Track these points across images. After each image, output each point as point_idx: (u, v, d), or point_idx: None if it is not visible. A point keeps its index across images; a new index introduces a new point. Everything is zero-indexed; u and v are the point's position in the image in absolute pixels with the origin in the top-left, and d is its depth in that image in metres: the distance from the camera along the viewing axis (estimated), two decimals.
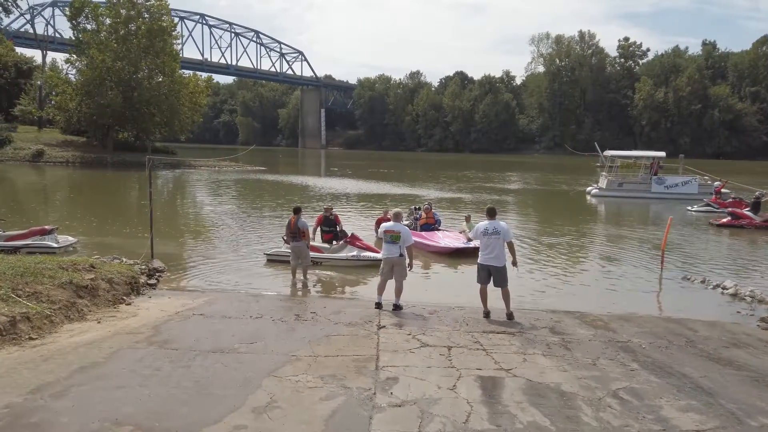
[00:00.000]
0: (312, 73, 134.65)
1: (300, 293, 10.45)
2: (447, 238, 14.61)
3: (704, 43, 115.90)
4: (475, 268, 8.33)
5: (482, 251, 8.26)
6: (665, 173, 31.20)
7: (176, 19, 56.76)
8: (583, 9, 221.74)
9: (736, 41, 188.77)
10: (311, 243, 12.80)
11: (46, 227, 13.37)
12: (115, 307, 8.27)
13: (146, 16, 46.34)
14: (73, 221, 18.44)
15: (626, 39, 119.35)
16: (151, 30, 45.72)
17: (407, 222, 16.49)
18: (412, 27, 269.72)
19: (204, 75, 57.55)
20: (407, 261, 8.69)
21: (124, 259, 11.68)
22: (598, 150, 71.87)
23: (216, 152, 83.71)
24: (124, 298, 8.87)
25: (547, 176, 49.31)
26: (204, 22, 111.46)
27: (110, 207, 24.16)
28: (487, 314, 8.29)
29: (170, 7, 49.09)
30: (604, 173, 31.65)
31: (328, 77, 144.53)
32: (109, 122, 47.38)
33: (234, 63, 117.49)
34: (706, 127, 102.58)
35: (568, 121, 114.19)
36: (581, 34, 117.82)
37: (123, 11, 45.41)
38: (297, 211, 11.44)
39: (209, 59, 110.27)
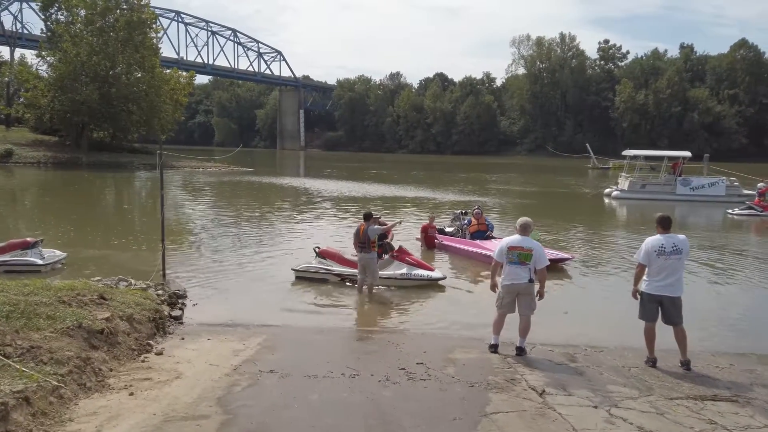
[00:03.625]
0: (290, 73, 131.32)
1: (369, 324, 8.16)
2: None
3: (682, 46, 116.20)
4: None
5: (653, 277, 6.07)
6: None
7: None
8: (557, 13, 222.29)
9: (704, 46, 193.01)
10: (350, 258, 10.75)
11: (29, 239, 10.81)
12: (143, 360, 5.88)
13: (125, 7, 43.18)
14: (48, 229, 15.64)
15: (606, 41, 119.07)
16: (130, 22, 42.61)
17: (452, 229, 14.36)
18: (388, 29, 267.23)
19: (185, 72, 54.22)
20: (536, 288, 6.50)
21: (132, 281, 9.24)
22: (590, 152, 71.50)
23: (192, 153, 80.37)
24: (150, 343, 6.48)
25: (548, 177, 47.57)
26: (180, 19, 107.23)
27: (90, 213, 21.42)
28: (654, 362, 6.15)
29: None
30: (624, 174, 29.90)
31: (307, 78, 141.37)
32: (84, 120, 44.05)
33: (211, 62, 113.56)
34: (686, 129, 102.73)
35: (549, 123, 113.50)
36: (562, 36, 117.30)
37: (99, 2, 42.18)
38: (367, 217, 9.53)
39: (185, 58, 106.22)
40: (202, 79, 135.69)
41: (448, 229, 14.34)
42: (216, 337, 6.92)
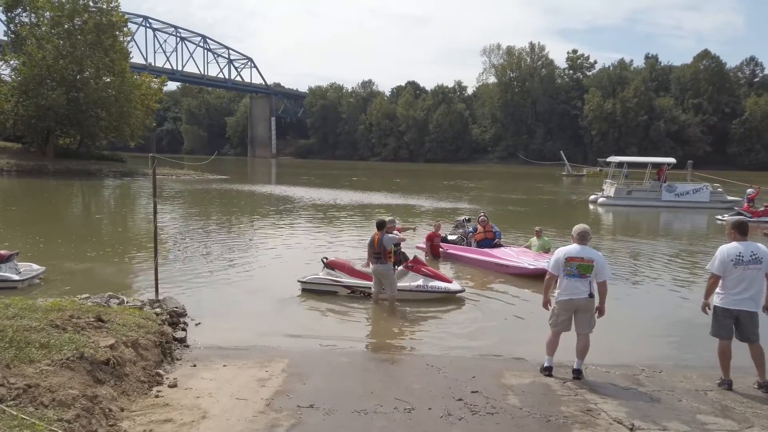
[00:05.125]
0: (261, 81, 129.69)
1: (396, 343, 7.42)
2: (524, 255, 11.80)
3: (647, 57, 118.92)
4: None
5: (730, 289, 5.49)
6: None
7: None
8: (523, 24, 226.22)
9: (663, 57, 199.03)
10: (361, 269, 10.05)
11: (3, 252, 9.75)
12: (157, 396, 5.03)
13: (93, 9, 41.51)
14: (15, 241, 14.29)
15: (574, 51, 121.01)
16: (99, 25, 40.97)
17: (454, 237, 13.73)
18: (358, 37, 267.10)
19: (156, 77, 52.54)
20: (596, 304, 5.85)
21: (124, 299, 8.33)
22: (564, 159, 72.13)
23: (161, 161, 78.27)
24: (160, 372, 5.62)
25: (528, 184, 47.41)
26: (147, 25, 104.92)
27: (60, 223, 20.08)
28: (729, 385, 5.59)
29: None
30: (609, 180, 29.84)
31: (278, 85, 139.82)
32: (50, 126, 42.13)
33: (179, 68, 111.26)
34: (653, 137, 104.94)
35: (520, 131, 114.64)
36: (531, 45, 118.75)
37: (67, 3, 40.44)
38: (381, 226, 8.87)
39: (153, 64, 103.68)
40: (170, 86, 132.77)
41: (450, 237, 13.70)
42: (231, 362, 6.10)
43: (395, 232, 9.97)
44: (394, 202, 28.62)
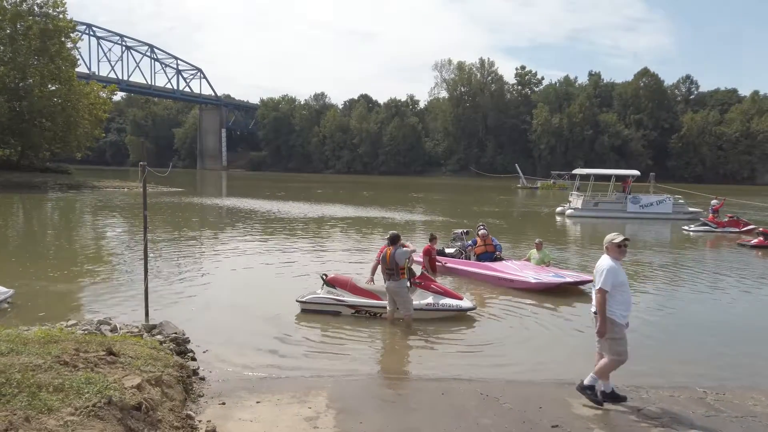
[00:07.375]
0: (211, 92, 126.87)
1: (427, 369, 6.82)
2: (527, 269, 11.44)
3: (590, 74, 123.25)
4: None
5: None
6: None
7: None
8: (469, 41, 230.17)
9: (604, 74, 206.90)
10: (364, 286, 9.47)
11: None
12: None
13: (38, 14, 39.28)
14: None
15: (522, 67, 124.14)
16: (45, 30, 38.78)
17: (452, 250, 13.29)
18: (307, 51, 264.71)
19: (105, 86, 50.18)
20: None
21: (116, 325, 7.43)
22: (519, 172, 73.46)
23: (106, 174, 74.90)
24: (191, 415, 4.84)
25: (491, 197, 47.68)
26: (92, 33, 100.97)
27: (7, 240, 18.48)
28: None
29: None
30: (575, 192, 30.24)
31: (228, 96, 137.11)
32: None
33: (125, 78, 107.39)
34: (598, 151, 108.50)
35: (471, 144, 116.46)
36: (481, 61, 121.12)
37: (7, 5, 38.14)
38: (394, 240, 8.39)
39: (97, 73, 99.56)
40: (114, 96, 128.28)
41: (448, 250, 13.26)
42: (264, 397, 5.38)
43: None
44: (369, 215, 27.98)
